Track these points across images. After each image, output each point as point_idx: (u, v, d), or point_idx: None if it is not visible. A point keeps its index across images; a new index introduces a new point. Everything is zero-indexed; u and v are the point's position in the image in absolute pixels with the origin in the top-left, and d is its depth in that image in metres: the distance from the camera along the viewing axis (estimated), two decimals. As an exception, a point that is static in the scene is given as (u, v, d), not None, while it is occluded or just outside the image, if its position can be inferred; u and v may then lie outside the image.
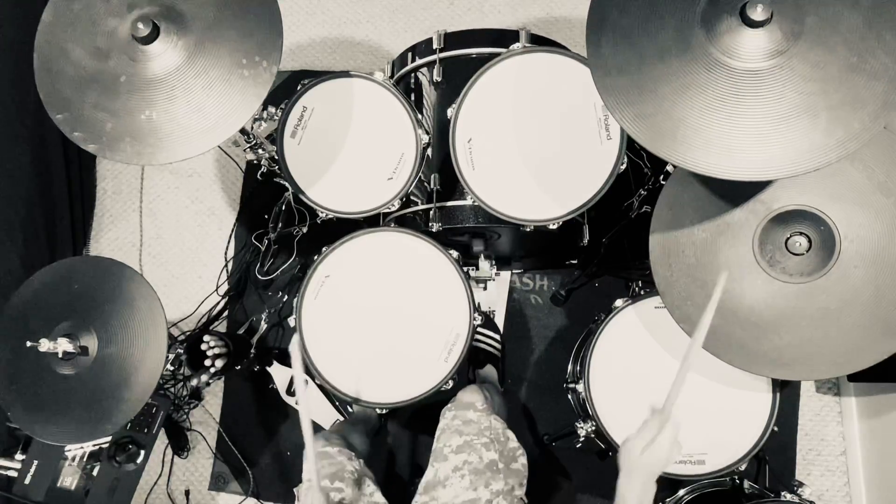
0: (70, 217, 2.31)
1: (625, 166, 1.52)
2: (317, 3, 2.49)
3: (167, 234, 2.40)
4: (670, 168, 1.49)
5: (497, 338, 2.06)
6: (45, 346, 1.43)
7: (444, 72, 1.69)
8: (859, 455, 1.95)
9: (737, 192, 1.33)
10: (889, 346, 1.26)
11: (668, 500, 1.52)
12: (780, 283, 1.29)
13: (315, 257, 1.61)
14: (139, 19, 1.31)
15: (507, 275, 2.17)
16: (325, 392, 2.12)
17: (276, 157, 1.70)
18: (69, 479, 1.81)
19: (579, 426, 1.60)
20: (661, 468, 1.11)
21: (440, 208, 1.67)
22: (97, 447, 1.82)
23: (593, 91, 1.17)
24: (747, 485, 1.52)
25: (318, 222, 2.04)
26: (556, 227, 1.55)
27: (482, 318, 1.59)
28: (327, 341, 1.58)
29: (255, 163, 1.94)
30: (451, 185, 1.65)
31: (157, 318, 1.50)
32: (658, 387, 1.54)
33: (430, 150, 1.70)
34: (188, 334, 2.23)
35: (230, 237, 2.34)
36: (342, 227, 1.70)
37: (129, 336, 1.49)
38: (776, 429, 1.48)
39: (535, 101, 1.59)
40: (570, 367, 1.90)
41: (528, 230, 1.58)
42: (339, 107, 1.70)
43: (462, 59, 1.70)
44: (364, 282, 1.59)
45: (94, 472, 1.82)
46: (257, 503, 2.14)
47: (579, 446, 1.66)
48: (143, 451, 1.84)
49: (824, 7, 1.07)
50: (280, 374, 2.14)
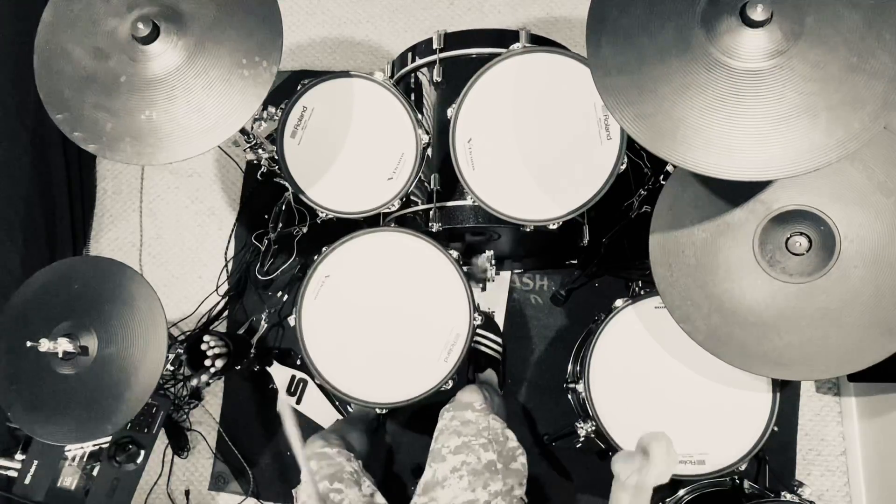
0: (70, 217, 2.31)
1: (625, 166, 1.53)
2: (317, 3, 2.49)
3: (167, 234, 2.40)
4: (670, 168, 1.49)
5: (499, 340, 2.06)
6: (45, 346, 1.43)
7: (444, 72, 1.69)
8: (859, 455, 1.95)
9: (737, 192, 1.33)
10: (889, 346, 1.26)
11: (668, 500, 1.52)
12: (780, 283, 1.29)
13: (315, 257, 1.61)
14: (139, 19, 1.31)
15: (507, 275, 2.17)
16: (325, 392, 2.12)
17: (276, 157, 1.70)
18: (69, 479, 1.81)
19: (579, 426, 1.60)
20: (649, 492, 1.10)
21: (440, 208, 1.67)
22: (97, 447, 1.82)
23: (593, 91, 1.17)
24: (747, 485, 1.52)
25: (318, 222, 2.04)
26: (556, 227, 1.55)
27: (482, 319, 1.59)
28: (327, 341, 1.58)
29: (255, 163, 1.94)
30: (451, 185, 1.65)
31: (157, 318, 1.50)
32: (658, 387, 1.55)
33: (430, 150, 1.70)
34: (188, 334, 2.23)
35: (230, 237, 2.34)
36: (342, 227, 1.69)
37: (129, 336, 1.49)
38: (776, 429, 1.48)
39: (535, 102, 1.59)
40: (570, 367, 1.90)
41: (528, 230, 1.58)
42: (339, 107, 1.70)
43: (462, 59, 1.70)
44: (364, 282, 1.59)
45: (94, 472, 1.82)
46: (257, 503, 2.14)
47: (579, 446, 1.66)
48: (143, 451, 1.84)
49: (824, 7, 1.07)
50: (280, 374, 2.14)
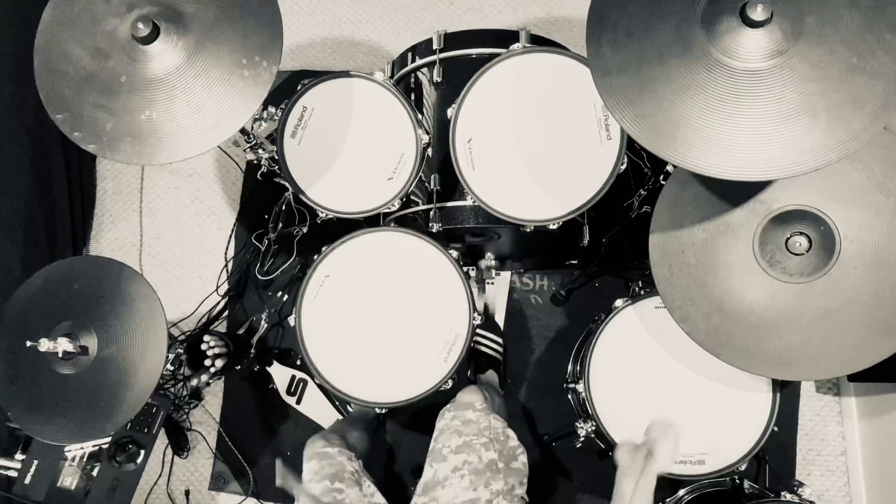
0: (70, 217, 2.31)
1: (625, 166, 1.52)
2: (317, 3, 2.49)
3: (167, 234, 2.40)
4: (670, 168, 1.49)
5: (499, 341, 2.06)
6: (45, 345, 1.43)
7: (444, 72, 1.69)
8: (859, 455, 1.94)
9: (737, 192, 1.33)
10: (889, 346, 1.26)
11: (668, 500, 1.52)
12: (781, 283, 1.29)
13: (315, 257, 1.61)
14: (139, 19, 1.31)
15: (507, 275, 2.17)
16: (325, 392, 2.12)
17: (276, 157, 1.70)
18: (69, 479, 1.81)
19: (579, 426, 1.60)
20: (654, 481, 1.13)
21: (440, 208, 1.67)
22: (97, 447, 1.82)
23: (593, 91, 1.17)
24: (747, 485, 1.52)
25: (318, 222, 2.04)
26: (556, 227, 1.55)
27: (482, 319, 1.59)
28: (327, 341, 1.58)
29: (255, 163, 1.94)
30: (451, 185, 1.65)
31: (157, 318, 1.50)
32: (658, 387, 1.55)
33: (430, 150, 1.70)
34: (188, 334, 2.23)
35: (230, 237, 2.34)
36: (342, 227, 1.69)
37: (129, 336, 1.49)
38: (776, 429, 1.48)
39: (535, 102, 1.59)
40: (570, 367, 1.90)
41: (528, 230, 1.58)
42: (339, 107, 1.70)
43: (462, 59, 1.70)
44: (364, 281, 1.59)
45: (94, 472, 1.82)
46: (257, 503, 2.14)
47: (579, 446, 1.66)
48: (143, 451, 1.84)
49: (824, 7, 1.07)
50: (280, 374, 2.14)
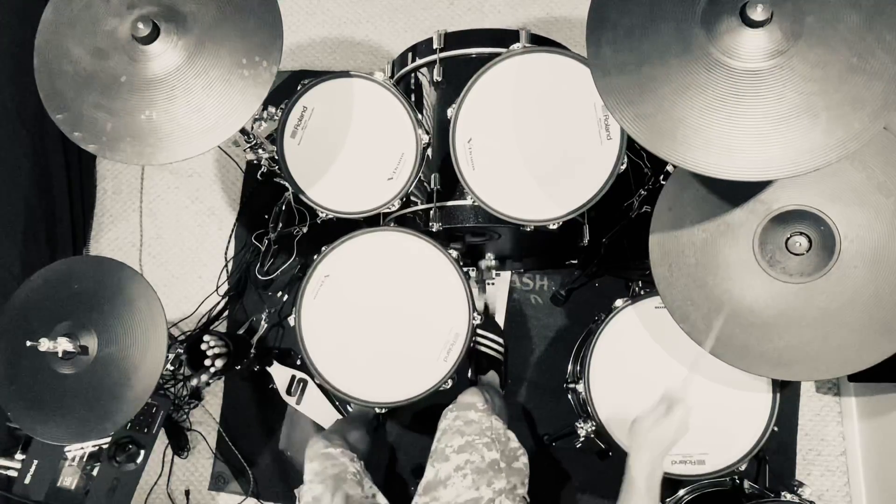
0: (70, 217, 2.31)
1: (625, 166, 1.52)
2: (317, 3, 2.49)
3: (167, 234, 2.40)
4: (670, 168, 1.49)
5: (500, 341, 2.06)
6: (45, 345, 1.43)
7: (445, 72, 1.69)
8: (859, 455, 1.95)
9: (737, 192, 1.33)
10: (889, 346, 1.26)
11: (668, 500, 1.52)
12: (781, 284, 1.29)
13: (315, 257, 1.61)
14: (139, 19, 1.31)
15: (507, 275, 2.17)
16: (325, 391, 2.12)
17: (276, 157, 1.70)
18: (69, 479, 1.81)
19: (579, 426, 1.60)
20: (668, 446, 1.18)
21: (440, 208, 1.67)
22: (97, 447, 1.82)
23: (593, 91, 1.17)
24: (747, 485, 1.52)
25: (318, 222, 2.04)
26: (556, 227, 1.55)
27: (482, 318, 1.59)
28: (327, 341, 1.58)
29: (255, 163, 1.94)
30: (451, 185, 1.65)
31: (157, 318, 1.50)
32: (658, 387, 1.54)
33: (430, 150, 1.70)
34: (188, 334, 2.23)
35: (230, 237, 2.34)
36: (342, 227, 1.69)
37: (129, 336, 1.49)
38: (776, 429, 1.48)
39: (535, 101, 1.59)
40: (570, 367, 1.90)
41: (529, 230, 1.58)
42: (339, 107, 1.70)
43: (462, 59, 1.70)
44: (364, 281, 1.59)
45: (94, 472, 1.82)
46: (257, 503, 2.14)
47: (579, 446, 1.66)
48: (143, 451, 1.84)
49: (824, 7, 1.07)
50: (280, 374, 2.14)
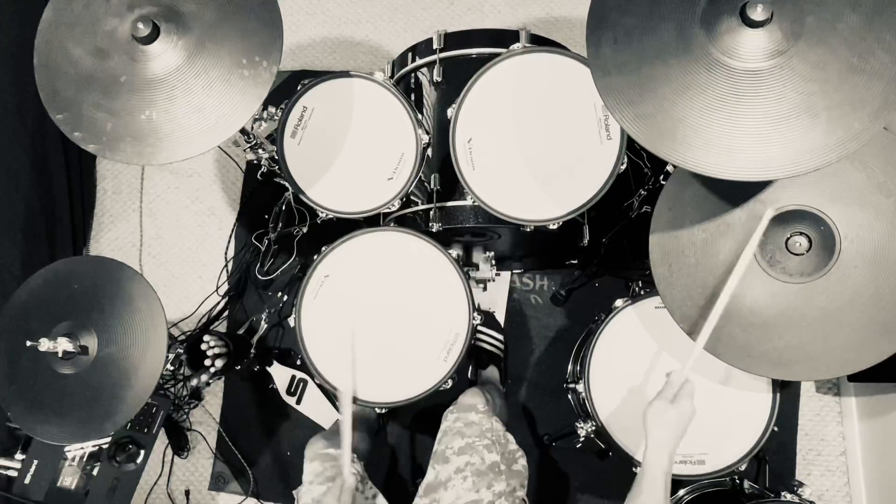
0: (70, 217, 2.31)
1: (625, 166, 1.52)
2: (317, 3, 2.49)
3: (167, 234, 2.40)
4: (670, 168, 1.49)
5: (500, 337, 2.06)
6: (44, 345, 1.43)
7: (445, 72, 1.69)
8: (859, 455, 1.95)
9: (737, 192, 1.33)
10: (889, 346, 1.26)
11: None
12: (781, 284, 1.29)
13: (315, 257, 1.61)
14: (139, 19, 1.31)
15: (507, 275, 2.17)
16: (325, 392, 2.12)
17: (276, 157, 1.70)
18: (69, 479, 1.81)
19: (579, 426, 1.60)
20: (688, 419, 1.18)
21: (440, 208, 1.67)
22: (97, 447, 1.82)
23: (593, 91, 1.17)
24: (747, 485, 1.52)
25: (318, 222, 2.04)
26: (556, 227, 1.55)
27: (482, 318, 1.59)
28: (326, 341, 1.58)
29: (255, 163, 1.94)
30: (451, 185, 1.65)
31: (157, 318, 1.50)
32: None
33: (430, 150, 1.70)
34: (188, 334, 2.23)
35: (230, 237, 2.34)
36: (342, 227, 1.69)
37: (129, 336, 1.49)
38: (776, 429, 1.48)
39: (535, 102, 1.59)
40: (570, 367, 1.90)
41: (529, 230, 1.58)
42: (339, 107, 1.70)
43: (462, 59, 1.70)
44: (363, 281, 1.59)
45: (94, 472, 1.82)
46: (257, 503, 2.14)
47: (579, 446, 1.66)
48: (143, 451, 1.84)
49: (824, 7, 1.07)
50: (280, 374, 2.14)
